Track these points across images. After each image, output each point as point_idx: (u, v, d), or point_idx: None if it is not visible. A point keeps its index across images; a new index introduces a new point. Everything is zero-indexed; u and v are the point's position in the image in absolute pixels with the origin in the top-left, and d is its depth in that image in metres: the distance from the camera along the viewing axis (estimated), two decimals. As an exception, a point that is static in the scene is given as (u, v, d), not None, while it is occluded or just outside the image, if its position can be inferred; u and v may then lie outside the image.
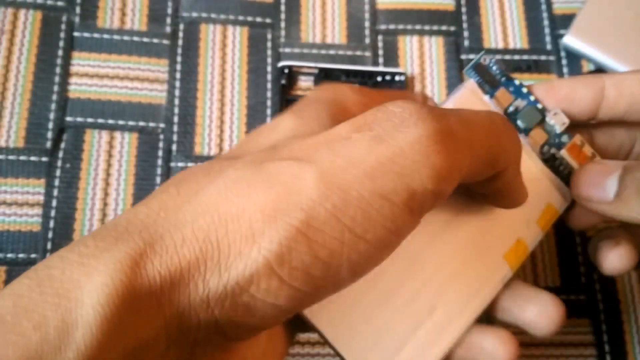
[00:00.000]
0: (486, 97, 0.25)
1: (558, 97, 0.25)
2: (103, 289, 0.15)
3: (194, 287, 0.16)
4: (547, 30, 0.37)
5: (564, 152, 0.25)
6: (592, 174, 0.23)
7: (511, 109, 0.25)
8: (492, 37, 0.36)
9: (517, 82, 0.25)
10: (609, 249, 0.25)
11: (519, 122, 0.25)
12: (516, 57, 0.36)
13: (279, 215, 0.16)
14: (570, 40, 0.36)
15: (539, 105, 0.25)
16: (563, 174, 0.25)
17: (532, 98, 0.25)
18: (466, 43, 0.36)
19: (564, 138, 0.25)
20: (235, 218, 0.16)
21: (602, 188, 0.23)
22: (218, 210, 0.16)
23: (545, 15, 0.37)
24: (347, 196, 0.16)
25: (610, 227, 0.27)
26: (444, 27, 0.37)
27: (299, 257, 0.16)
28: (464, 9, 0.37)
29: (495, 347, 0.23)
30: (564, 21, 0.37)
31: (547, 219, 0.25)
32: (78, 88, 0.34)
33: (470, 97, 0.25)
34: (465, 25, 0.37)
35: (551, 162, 0.25)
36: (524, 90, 0.25)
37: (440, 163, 0.17)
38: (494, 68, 0.25)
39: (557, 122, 0.25)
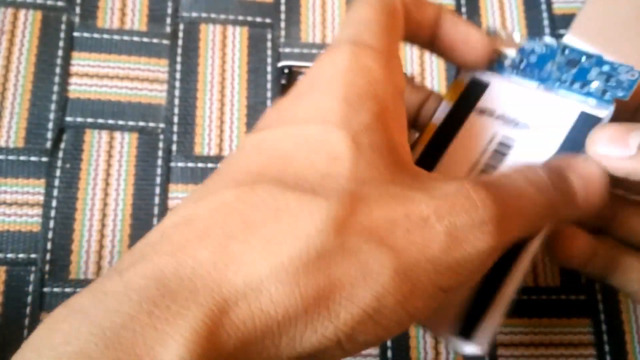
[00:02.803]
0: None
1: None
2: None
3: (267, 356, 0.16)
4: (547, 30, 0.37)
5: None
6: (613, 129, 0.22)
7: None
8: (492, 37, 0.36)
9: None
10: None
11: None
12: (516, 57, 0.36)
13: (354, 299, 0.17)
14: (570, 40, 0.36)
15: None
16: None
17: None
18: (466, 43, 0.36)
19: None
20: (316, 298, 0.17)
21: (625, 142, 0.22)
22: (298, 284, 0.16)
23: (545, 15, 0.37)
24: (415, 288, 0.18)
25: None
26: (444, 27, 0.37)
27: (363, 337, 0.17)
28: (463, 9, 0.37)
29: None
30: (564, 21, 0.37)
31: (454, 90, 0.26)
32: (78, 88, 0.34)
33: None
34: (465, 25, 0.37)
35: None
36: None
37: (492, 261, 0.19)
38: None
39: None
